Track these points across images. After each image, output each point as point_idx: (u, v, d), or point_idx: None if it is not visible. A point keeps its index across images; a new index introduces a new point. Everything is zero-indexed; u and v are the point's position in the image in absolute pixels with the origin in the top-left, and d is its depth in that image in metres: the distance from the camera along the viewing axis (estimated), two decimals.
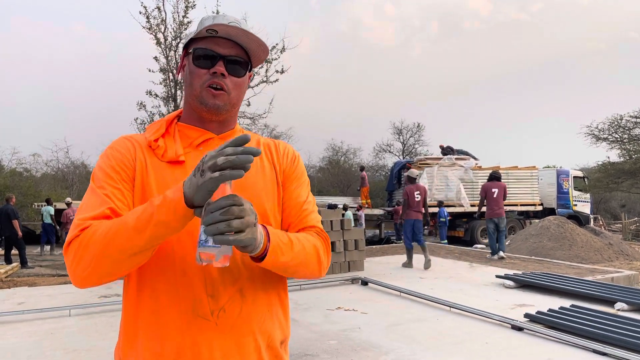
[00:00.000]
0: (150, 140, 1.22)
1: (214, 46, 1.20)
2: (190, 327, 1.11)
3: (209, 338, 1.12)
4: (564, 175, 18.53)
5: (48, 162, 31.26)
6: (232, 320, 1.14)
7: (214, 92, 1.20)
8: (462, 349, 4.38)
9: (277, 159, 1.33)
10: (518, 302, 6.15)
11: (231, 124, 1.30)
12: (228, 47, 1.21)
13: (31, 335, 4.94)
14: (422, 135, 37.76)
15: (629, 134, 25.08)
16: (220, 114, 1.23)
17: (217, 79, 1.20)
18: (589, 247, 11.46)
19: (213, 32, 1.19)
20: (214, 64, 1.20)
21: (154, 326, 1.12)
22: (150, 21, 13.72)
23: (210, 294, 1.12)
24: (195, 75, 1.22)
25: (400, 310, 5.83)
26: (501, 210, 10.22)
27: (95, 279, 1.05)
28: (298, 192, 1.32)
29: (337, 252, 8.60)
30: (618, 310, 5.70)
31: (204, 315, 1.12)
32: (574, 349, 4.31)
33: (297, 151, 1.39)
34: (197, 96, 1.22)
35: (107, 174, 1.16)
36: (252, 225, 0.97)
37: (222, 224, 0.92)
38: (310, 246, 1.21)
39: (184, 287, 1.12)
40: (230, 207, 0.93)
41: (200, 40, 1.22)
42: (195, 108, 1.24)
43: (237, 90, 1.24)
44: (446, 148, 18.03)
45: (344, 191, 32.31)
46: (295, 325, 5.12)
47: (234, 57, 1.22)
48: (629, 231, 21.67)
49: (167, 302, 1.12)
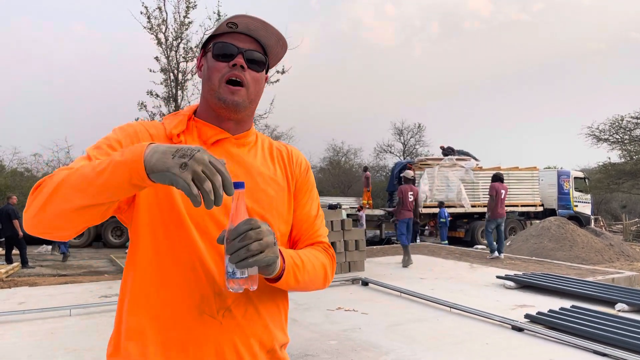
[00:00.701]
0: (172, 134, 1.20)
1: (234, 40, 1.21)
2: (196, 323, 1.11)
3: (214, 336, 1.12)
4: (564, 176, 18.53)
5: (49, 162, 31.25)
6: (237, 321, 1.14)
7: (232, 89, 1.19)
8: (462, 349, 4.38)
9: (290, 168, 1.32)
10: (518, 303, 6.15)
11: (247, 124, 1.28)
12: (247, 42, 1.22)
13: (32, 335, 4.94)
14: (422, 135, 37.76)
15: (630, 134, 25.05)
16: (239, 111, 1.21)
17: (236, 71, 1.19)
18: (590, 248, 11.46)
19: (233, 27, 1.20)
20: (234, 57, 1.20)
21: (160, 317, 1.12)
22: (151, 21, 13.73)
23: (217, 292, 1.13)
24: (214, 69, 1.21)
25: (401, 310, 5.84)
26: (504, 211, 10.51)
27: (45, 223, 0.99)
28: (310, 205, 1.33)
29: (337, 252, 8.59)
30: (619, 311, 5.70)
31: (210, 313, 1.12)
32: (574, 350, 4.31)
33: (305, 157, 1.39)
34: (215, 92, 1.20)
35: (110, 140, 1.15)
36: (271, 245, 1.00)
37: (242, 250, 0.95)
38: (320, 265, 1.25)
39: (193, 282, 1.12)
40: (247, 232, 0.96)
41: (220, 36, 1.23)
42: (212, 105, 1.22)
43: (255, 86, 1.23)
44: (447, 149, 18.03)
45: (344, 191, 32.31)
46: (295, 326, 5.12)
47: (253, 51, 1.22)
48: (629, 232, 21.67)
49: (175, 295, 1.12)
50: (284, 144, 1.39)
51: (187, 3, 13.81)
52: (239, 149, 1.24)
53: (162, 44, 13.84)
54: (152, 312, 1.12)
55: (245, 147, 1.26)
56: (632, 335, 4.41)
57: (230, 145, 1.23)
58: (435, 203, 16.19)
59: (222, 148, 1.22)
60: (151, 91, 14.20)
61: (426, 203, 16.15)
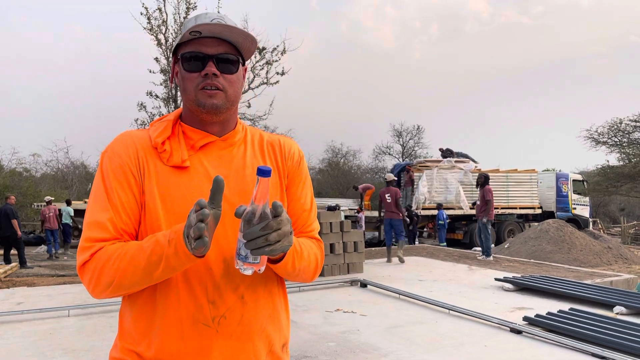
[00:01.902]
0: (157, 142, 1.19)
1: (201, 47, 1.17)
2: (192, 333, 1.12)
3: (210, 344, 1.12)
4: (563, 178, 18.55)
5: (48, 162, 31.30)
6: (233, 327, 1.14)
7: (210, 92, 1.17)
8: (461, 352, 4.39)
9: (282, 161, 1.30)
10: (517, 305, 6.15)
11: (232, 124, 1.27)
12: (215, 46, 1.18)
13: (30, 335, 4.94)
14: (421, 137, 37.83)
15: (629, 137, 25.09)
16: (220, 114, 1.20)
17: (209, 81, 1.17)
18: (588, 250, 11.47)
19: (197, 34, 1.16)
20: (204, 66, 1.17)
21: (155, 328, 1.12)
22: (151, 22, 13.75)
23: (211, 300, 1.13)
24: (187, 79, 1.19)
25: (400, 312, 5.84)
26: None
27: (114, 296, 1.13)
28: (304, 198, 1.32)
29: (336, 254, 8.60)
30: (617, 314, 5.70)
31: (205, 321, 1.12)
32: (572, 352, 4.31)
33: (301, 149, 1.38)
34: (193, 100, 1.19)
35: (110, 183, 1.15)
36: (288, 234, 1.00)
37: (260, 239, 0.96)
38: (313, 255, 1.26)
39: (186, 292, 1.12)
40: (268, 223, 0.96)
41: (187, 44, 1.19)
42: (194, 111, 1.21)
43: (232, 88, 1.21)
44: (445, 151, 18.06)
45: (343, 193, 32.30)
46: (294, 327, 5.12)
47: (223, 54, 1.18)
48: (628, 235, 21.69)
49: (169, 306, 1.12)
50: (277, 135, 1.37)
51: (187, 4, 13.85)
52: (227, 149, 1.24)
53: (162, 45, 13.86)
54: (147, 323, 1.13)
55: (234, 147, 1.26)
56: (630, 338, 4.41)
57: (218, 148, 1.23)
58: (433, 205, 16.21)
59: (210, 151, 1.22)
60: (151, 92, 14.21)
61: (425, 205, 16.18)
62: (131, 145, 1.19)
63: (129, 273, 1.05)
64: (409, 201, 16.55)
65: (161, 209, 1.14)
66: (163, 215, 1.14)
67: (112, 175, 1.16)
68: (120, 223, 1.12)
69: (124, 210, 1.13)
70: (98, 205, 1.14)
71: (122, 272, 1.05)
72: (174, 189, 1.15)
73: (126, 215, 1.14)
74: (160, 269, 1.04)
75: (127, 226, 1.13)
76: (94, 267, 1.08)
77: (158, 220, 1.13)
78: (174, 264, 1.03)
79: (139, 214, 1.15)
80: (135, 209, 1.15)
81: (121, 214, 1.13)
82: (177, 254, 1.01)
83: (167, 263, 1.03)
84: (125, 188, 1.15)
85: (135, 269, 1.05)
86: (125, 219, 1.13)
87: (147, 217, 1.14)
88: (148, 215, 1.14)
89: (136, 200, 1.15)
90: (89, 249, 1.09)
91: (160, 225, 1.13)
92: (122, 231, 1.13)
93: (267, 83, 15.22)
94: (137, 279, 1.06)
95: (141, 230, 1.15)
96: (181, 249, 1.00)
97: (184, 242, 0.99)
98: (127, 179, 1.15)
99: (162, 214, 1.14)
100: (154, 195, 1.15)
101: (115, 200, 1.13)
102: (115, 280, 1.06)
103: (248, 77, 15.04)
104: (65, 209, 14.47)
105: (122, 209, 1.13)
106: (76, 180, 31.01)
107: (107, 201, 1.13)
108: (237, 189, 1.20)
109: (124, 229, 1.13)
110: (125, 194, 1.14)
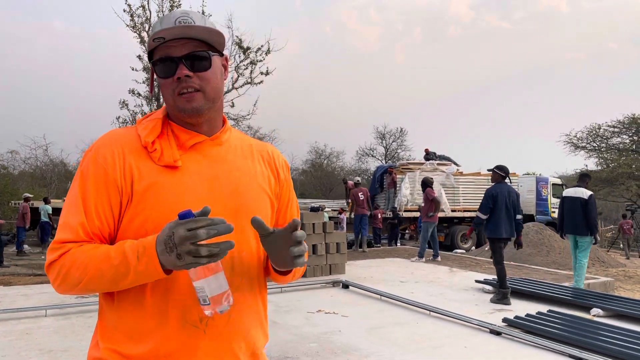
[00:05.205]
0: (147, 142, 1.17)
1: (169, 50, 1.16)
2: (180, 333, 1.11)
3: (196, 344, 1.12)
4: (543, 182, 18.78)
5: (26, 160, 30.70)
6: (220, 328, 1.15)
7: (187, 97, 1.16)
8: (441, 353, 4.42)
9: (277, 169, 1.35)
10: (497, 307, 6.22)
11: (219, 122, 1.27)
12: (181, 46, 1.16)
13: (6, 335, 4.84)
14: (404, 140, 38.11)
15: (607, 143, 25.60)
16: (202, 115, 1.19)
17: (184, 84, 1.16)
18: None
19: (161, 40, 1.15)
20: (175, 70, 1.16)
21: (144, 329, 1.11)
22: (134, 19, 13.60)
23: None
24: (163, 86, 1.19)
25: (381, 313, 5.86)
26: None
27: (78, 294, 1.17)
28: (292, 209, 1.39)
29: (318, 255, 8.60)
30: (594, 316, 5.80)
31: (193, 322, 1.12)
32: (550, 354, 4.37)
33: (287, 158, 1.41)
34: (173, 106, 1.19)
35: (88, 186, 1.13)
36: (306, 250, 1.12)
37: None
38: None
39: (174, 293, 1.12)
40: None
41: (156, 50, 1.18)
42: (177, 115, 1.21)
43: (210, 85, 1.19)
44: (430, 153, 18.18)
45: (326, 194, 32.35)
46: (276, 328, 5.10)
47: (192, 53, 1.16)
48: (605, 239, 22.09)
49: (159, 307, 1.11)
50: (263, 143, 1.38)
51: (171, 2, 13.73)
52: (217, 148, 1.24)
53: (145, 43, 13.69)
54: (134, 323, 1.12)
55: (223, 146, 1.26)
56: (607, 340, 4.50)
57: (208, 147, 1.23)
58: (416, 207, 16.28)
59: (200, 150, 1.22)
60: (133, 90, 14.05)
61: (407, 207, 16.24)
62: (117, 147, 1.16)
63: (96, 279, 1.06)
64: (392, 203, 16.61)
65: (152, 209, 1.12)
66: (154, 215, 1.12)
67: (92, 179, 1.14)
68: (92, 227, 1.12)
69: (97, 215, 1.12)
70: (72, 208, 1.13)
71: (89, 278, 1.06)
72: (165, 189, 1.14)
73: (99, 220, 1.12)
74: (128, 281, 1.05)
75: (99, 230, 1.13)
76: (60, 267, 1.09)
77: (148, 221, 1.12)
78: (144, 278, 1.05)
79: (113, 220, 1.14)
80: (109, 215, 1.13)
81: (94, 219, 1.12)
82: (148, 270, 1.03)
83: (135, 277, 1.05)
84: (102, 194, 1.13)
85: (101, 277, 1.06)
86: (97, 223, 1.12)
87: (137, 217, 1.12)
88: (138, 216, 1.12)
89: (111, 207, 1.13)
90: (57, 249, 1.10)
91: (151, 225, 1.12)
92: (93, 235, 1.12)
93: (251, 83, 15.17)
94: (104, 286, 1.08)
95: (131, 229, 1.13)
96: (153, 267, 1.02)
97: (159, 257, 1.01)
98: (106, 184, 1.13)
99: (152, 214, 1.12)
100: (145, 195, 1.13)
101: (90, 204, 1.12)
102: (81, 284, 1.08)
103: (232, 77, 14.97)
104: (44, 207, 14.29)
105: (95, 214, 1.12)
106: (55, 179, 30.45)
107: (82, 205, 1.12)
108: (228, 189, 1.20)
109: (95, 232, 1.12)
110: (101, 200, 1.13)
